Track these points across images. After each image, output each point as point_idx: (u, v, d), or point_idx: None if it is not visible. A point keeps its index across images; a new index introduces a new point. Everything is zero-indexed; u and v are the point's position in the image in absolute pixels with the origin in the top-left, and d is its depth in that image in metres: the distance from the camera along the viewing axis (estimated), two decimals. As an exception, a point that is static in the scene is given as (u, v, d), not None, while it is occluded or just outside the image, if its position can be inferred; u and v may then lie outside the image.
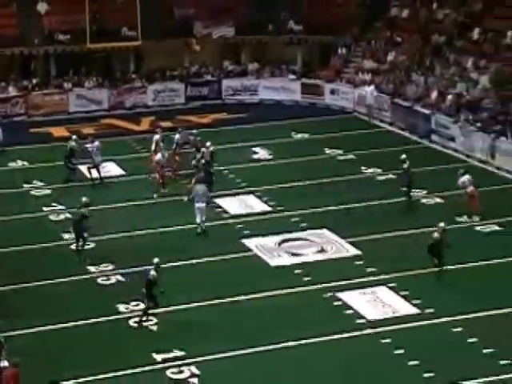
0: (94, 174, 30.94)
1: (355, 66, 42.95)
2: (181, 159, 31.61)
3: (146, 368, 18.54)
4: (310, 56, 45.16)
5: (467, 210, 26.78)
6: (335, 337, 19.82)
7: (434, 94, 36.53)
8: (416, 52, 40.74)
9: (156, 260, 20.50)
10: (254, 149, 34.69)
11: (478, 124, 33.11)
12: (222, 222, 27.37)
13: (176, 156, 31.68)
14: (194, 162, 29.57)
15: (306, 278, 22.92)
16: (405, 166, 28.10)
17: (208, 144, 30.05)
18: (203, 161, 29.32)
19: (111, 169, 32.72)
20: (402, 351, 19.10)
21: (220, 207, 28.39)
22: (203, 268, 23.80)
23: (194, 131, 32.20)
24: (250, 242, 25.46)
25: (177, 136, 32.14)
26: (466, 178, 26.91)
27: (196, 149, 31.27)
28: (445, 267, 22.65)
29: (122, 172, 32.55)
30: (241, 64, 44.76)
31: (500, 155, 31.52)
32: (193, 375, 18.27)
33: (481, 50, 37.73)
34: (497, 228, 26.20)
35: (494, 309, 20.79)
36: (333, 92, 41.99)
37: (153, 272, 20.18)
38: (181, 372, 18.37)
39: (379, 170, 31.93)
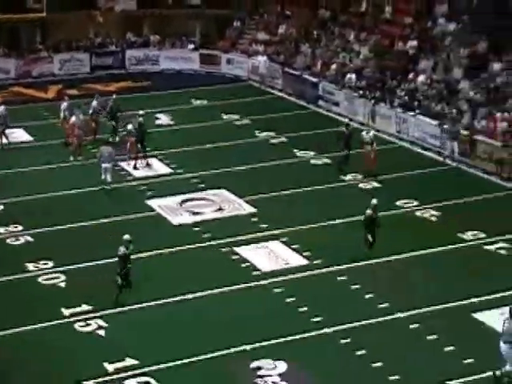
0: (4, 139, 30.03)
1: (249, 37, 42.77)
2: (97, 125, 30.86)
3: (54, 322, 18.15)
4: (208, 28, 44.71)
5: (365, 167, 27.03)
6: (233, 288, 19.81)
7: (320, 64, 36.69)
8: (304, 25, 40.78)
9: (126, 237, 18.97)
10: (156, 115, 34.19)
11: (360, 91, 33.49)
12: (126, 183, 26.90)
13: (93, 122, 30.76)
14: (128, 127, 28.68)
15: (206, 235, 22.77)
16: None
17: (141, 113, 29.21)
18: (130, 127, 28.51)
19: (20, 135, 31.60)
20: (293, 299, 19.21)
21: (124, 170, 27.91)
22: (108, 227, 23.34)
23: (114, 96, 31.42)
24: (153, 203, 25.11)
25: (94, 102, 31.21)
26: (364, 133, 27.38)
27: (114, 114, 30.61)
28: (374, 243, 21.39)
29: (30, 138, 31.52)
30: (143, 36, 43.96)
31: (379, 118, 31.98)
32: (99, 327, 18.00)
33: (362, 24, 38.01)
34: (376, 185, 26.54)
35: (374, 258, 21.10)
36: (229, 62, 41.72)
37: (122, 249, 18.82)
38: (88, 325, 18.05)
39: (272, 134, 31.88)
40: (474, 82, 29.88)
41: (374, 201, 21.09)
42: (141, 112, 29.21)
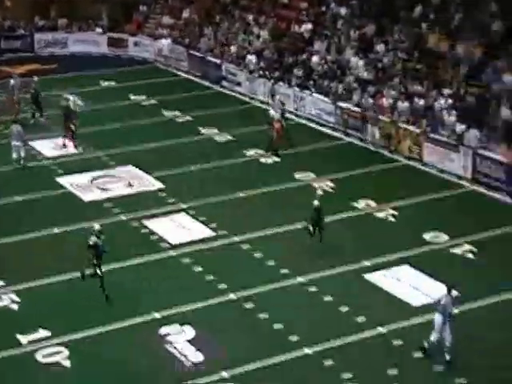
0: None
1: (155, 21, 42.14)
2: (19, 105, 30.14)
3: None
4: (115, 13, 43.79)
5: (273, 144, 26.92)
6: (143, 260, 19.65)
7: (220, 46, 36.53)
8: (206, 9, 40.42)
9: (97, 227, 18.14)
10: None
11: (260, 71, 33.51)
12: (37, 162, 26.27)
13: (14, 101, 30.01)
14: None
15: (116, 210, 22.48)
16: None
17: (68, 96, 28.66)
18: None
19: None
20: (200, 269, 19.21)
21: (35, 150, 27.22)
22: (20, 206, 22.83)
23: (35, 79, 30.50)
24: (64, 181, 24.58)
25: (11, 81, 30.49)
26: (273, 111, 27.67)
27: (37, 96, 29.84)
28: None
29: None
30: (50, 19, 42.75)
31: (278, 97, 32.01)
32: (13, 301, 17.70)
33: (261, 8, 37.95)
34: (276, 159, 26.63)
35: (276, 227, 21.23)
36: (136, 44, 40.99)
37: (93, 238, 17.84)
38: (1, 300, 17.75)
39: (178, 113, 31.55)
40: (365, 61, 30.22)
41: (320, 192, 20.87)
42: (68, 96, 28.75)
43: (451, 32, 28.86)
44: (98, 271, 17.64)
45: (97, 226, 18.05)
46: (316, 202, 19.91)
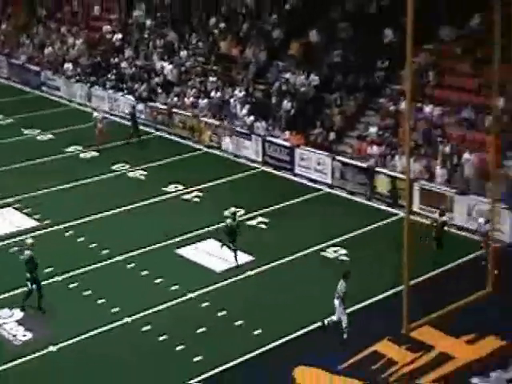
0: None
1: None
2: None
3: None
4: None
5: (97, 141, 26.26)
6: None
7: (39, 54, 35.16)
8: (24, 22, 38.64)
9: (30, 241, 16.51)
10: None
11: (77, 77, 32.64)
12: None
13: None
14: None
15: None
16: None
17: None
18: None
19: None
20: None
21: None
22: None
23: None
24: None
25: None
26: (96, 113, 26.93)
27: None
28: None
29: None
30: None
31: (95, 99, 31.36)
32: None
33: (75, 21, 36.78)
34: (95, 154, 26.00)
35: (99, 213, 20.81)
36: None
37: (27, 252, 16.14)
38: None
39: (0, 116, 30.10)
40: (173, 64, 30.14)
41: (233, 209, 19.17)
42: None
43: (240, 39, 29.44)
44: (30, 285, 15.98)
45: (29, 240, 16.44)
46: (229, 220, 18.18)
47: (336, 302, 14.95)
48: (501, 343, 14.39)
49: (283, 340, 14.94)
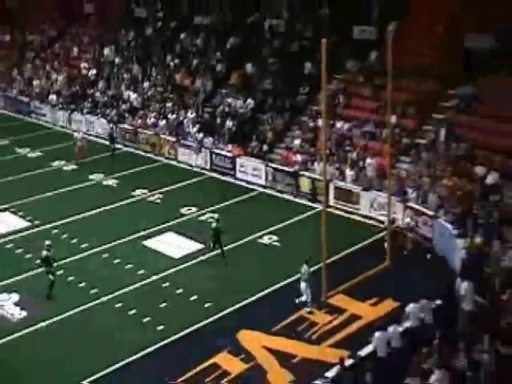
0: None
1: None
2: None
3: None
4: None
5: (77, 157, 25.54)
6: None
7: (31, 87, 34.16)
8: (14, 62, 37.43)
9: (47, 242, 15.99)
10: None
11: (60, 105, 31.84)
12: None
13: None
14: None
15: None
16: None
17: None
18: None
19: None
20: (21, 250, 18.06)
21: None
22: None
23: None
24: None
25: None
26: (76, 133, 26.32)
27: None
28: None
29: None
30: None
31: (75, 123, 30.54)
32: None
33: (57, 59, 35.83)
34: (75, 167, 25.22)
35: (80, 214, 20.31)
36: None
37: (44, 252, 15.74)
38: None
39: (-3, 139, 29.13)
40: (137, 93, 29.71)
41: (216, 215, 18.60)
42: None
43: (191, 72, 29.23)
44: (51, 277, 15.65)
45: (47, 242, 16.06)
46: (214, 224, 17.46)
47: (303, 284, 14.70)
48: (396, 304, 14.66)
49: (229, 310, 14.92)
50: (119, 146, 27.63)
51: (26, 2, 38.43)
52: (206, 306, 15.16)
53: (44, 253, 15.87)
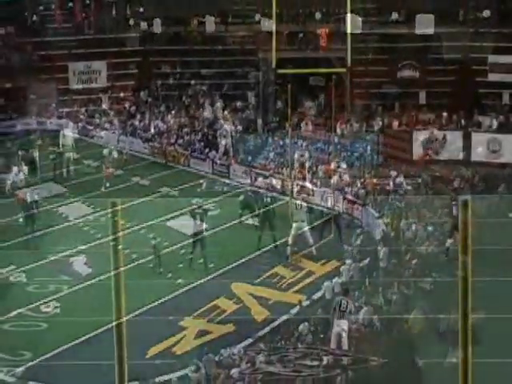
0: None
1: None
2: None
3: None
4: None
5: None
6: None
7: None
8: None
9: None
10: None
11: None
12: None
13: None
14: None
15: None
16: None
17: None
18: None
19: None
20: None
21: None
22: None
23: None
24: None
25: None
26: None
27: None
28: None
29: None
30: None
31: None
32: None
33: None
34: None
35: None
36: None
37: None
38: None
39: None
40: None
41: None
42: None
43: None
44: None
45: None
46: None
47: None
48: (338, 264, 15.08)
49: (224, 269, 14.97)
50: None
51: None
52: (210, 266, 15.12)
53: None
